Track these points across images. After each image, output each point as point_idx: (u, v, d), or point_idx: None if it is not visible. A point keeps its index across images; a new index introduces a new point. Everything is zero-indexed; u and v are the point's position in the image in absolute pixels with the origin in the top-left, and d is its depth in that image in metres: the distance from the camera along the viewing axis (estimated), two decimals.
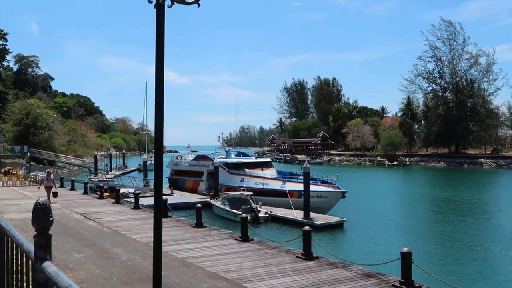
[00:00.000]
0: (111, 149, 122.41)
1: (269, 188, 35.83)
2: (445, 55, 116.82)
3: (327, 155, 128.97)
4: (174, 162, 49.45)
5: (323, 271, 11.31)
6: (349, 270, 11.47)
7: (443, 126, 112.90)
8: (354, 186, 53.49)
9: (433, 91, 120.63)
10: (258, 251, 13.68)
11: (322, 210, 32.03)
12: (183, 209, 34.15)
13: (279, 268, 11.52)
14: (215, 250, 13.71)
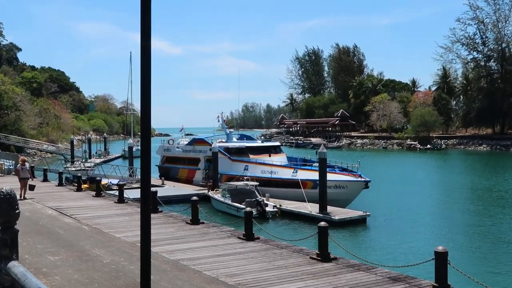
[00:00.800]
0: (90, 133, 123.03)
1: (278, 178, 35.92)
2: (488, 17, 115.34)
3: (347, 137, 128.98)
4: (165, 147, 49.62)
5: (342, 275, 11.37)
6: (373, 273, 11.52)
7: (486, 102, 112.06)
8: (379, 174, 53.51)
9: (474, 60, 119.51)
10: (265, 251, 13.77)
11: (341, 202, 32.16)
12: (176, 202, 34.30)
13: (290, 271, 11.60)
14: (215, 251, 13.81)
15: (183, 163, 46.41)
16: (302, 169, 35.79)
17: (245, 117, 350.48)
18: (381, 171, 58.78)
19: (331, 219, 26.96)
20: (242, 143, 42.64)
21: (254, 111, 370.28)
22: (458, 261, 18.70)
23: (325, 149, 29.41)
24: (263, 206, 29.07)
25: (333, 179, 32.25)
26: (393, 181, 49.52)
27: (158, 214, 20.54)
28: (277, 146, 42.94)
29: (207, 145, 43.10)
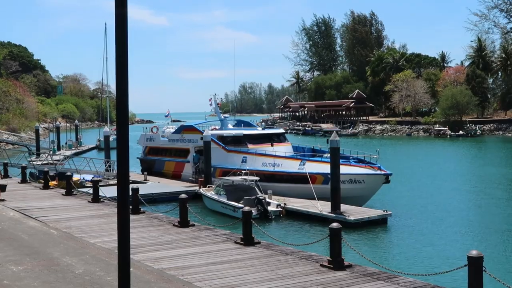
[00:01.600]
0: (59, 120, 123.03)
1: (282, 171, 36.00)
2: None
3: (363, 123, 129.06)
4: (148, 136, 49.66)
5: (358, 285, 11.42)
6: (395, 283, 11.58)
7: None
8: (402, 166, 53.57)
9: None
10: (268, 258, 13.82)
11: (357, 200, 32.23)
12: (162, 201, 34.34)
13: (297, 282, 11.65)
14: (207, 258, 13.86)
15: (170, 155, 46.41)
16: (311, 160, 35.81)
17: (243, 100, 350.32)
18: (404, 163, 58.84)
19: (345, 219, 27.02)
20: (239, 130, 42.62)
21: (254, 93, 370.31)
22: (495, 267, 18.77)
23: (338, 137, 29.38)
24: (265, 204, 29.12)
25: (348, 172, 32.26)
26: (418, 174, 49.61)
27: (140, 215, 20.59)
28: (280, 134, 42.92)
29: (197, 133, 43.11)
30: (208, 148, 38.19)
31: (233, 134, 41.16)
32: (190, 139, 44.00)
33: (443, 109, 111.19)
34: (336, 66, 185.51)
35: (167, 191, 36.27)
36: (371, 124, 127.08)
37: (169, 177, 44.52)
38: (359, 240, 24.77)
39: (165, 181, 42.25)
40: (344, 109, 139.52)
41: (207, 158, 38.05)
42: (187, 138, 44.36)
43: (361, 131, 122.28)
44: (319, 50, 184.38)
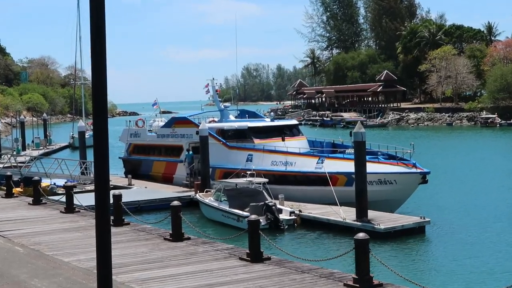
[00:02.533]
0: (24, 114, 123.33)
1: (296, 171, 35.99)
2: None
3: (394, 111, 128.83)
4: (132, 131, 49.72)
5: None
6: None
7: None
8: (442, 163, 53.45)
9: None
10: (280, 277, 13.80)
11: (388, 205, 32.25)
12: (150, 210, 34.38)
13: None
14: (206, 278, 13.85)
15: (159, 153, 46.44)
16: (331, 157, 35.76)
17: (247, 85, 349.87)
18: (445, 158, 58.69)
19: (374, 228, 26.98)
20: (243, 122, 42.61)
21: (260, 77, 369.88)
22: None
23: (363, 128, 29.30)
24: (275, 212, 29.11)
25: (376, 171, 32.24)
26: (461, 173, 49.47)
27: (124, 227, 20.58)
28: (293, 126, 42.88)
29: (192, 127, 43.11)
30: (206, 144, 38.17)
31: (236, 127, 41.13)
32: (183, 134, 44.00)
33: (491, 93, 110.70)
34: (360, 42, 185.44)
35: (156, 198, 36.27)
36: (404, 112, 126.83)
37: (159, 180, 44.54)
38: (391, 254, 24.72)
39: (153, 185, 42.25)
40: (370, 94, 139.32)
41: (204, 157, 38.03)
42: (180, 133, 44.36)
43: (391, 121, 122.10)
44: (339, 23, 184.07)
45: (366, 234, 13.12)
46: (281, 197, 32.02)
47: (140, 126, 50.29)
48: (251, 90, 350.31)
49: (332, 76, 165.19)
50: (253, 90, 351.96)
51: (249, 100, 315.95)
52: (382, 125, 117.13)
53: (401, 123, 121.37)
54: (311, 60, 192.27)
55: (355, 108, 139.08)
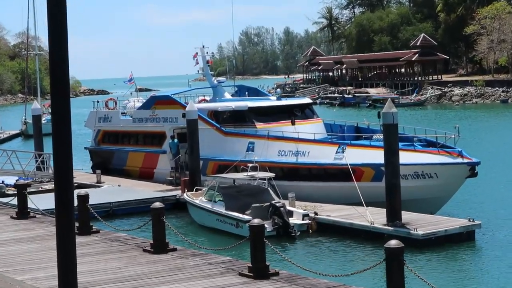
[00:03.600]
0: None
1: (310, 163, 35.97)
2: None
3: (434, 85, 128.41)
4: (102, 114, 49.60)
5: None
6: None
7: None
8: (495, 151, 53.26)
9: None
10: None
11: (428, 204, 32.22)
12: (125, 215, 34.51)
13: None
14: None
15: (135, 142, 46.41)
16: (354, 145, 35.69)
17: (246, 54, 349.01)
18: (498, 145, 58.46)
19: (410, 234, 26.96)
20: (242, 102, 42.51)
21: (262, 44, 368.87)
22: None
23: (395, 108, 29.22)
24: (284, 215, 29.08)
25: (412, 162, 32.19)
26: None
27: (92, 236, 20.56)
28: (306, 106, 42.78)
29: (177, 108, 43.03)
30: (194, 130, 38.09)
31: (233, 107, 41.03)
32: (166, 118, 43.89)
33: None
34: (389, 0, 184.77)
35: (132, 199, 36.27)
36: (446, 86, 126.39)
37: (136, 176, 44.64)
38: (431, 266, 24.72)
39: (129, 182, 42.30)
40: (403, 64, 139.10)
41: (193, 146, 37.97)
42: (162, 116, 44.26)
43: (430, 98, 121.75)
44: None
45: (400, 242, 13.10)
46: (291, 196, 31.97)
47: (111, 107, 50.21)
48: (251, 61, 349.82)
49: (355, 42, 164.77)
50: (254, 61, 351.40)
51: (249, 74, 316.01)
52: (419, 103, 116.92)
53: (443, 100, 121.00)
54: (328, 22, 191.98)
55: (384, 82, 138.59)
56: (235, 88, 48.82)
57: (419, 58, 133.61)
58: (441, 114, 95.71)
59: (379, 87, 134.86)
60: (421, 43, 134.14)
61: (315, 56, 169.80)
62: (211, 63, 47.12)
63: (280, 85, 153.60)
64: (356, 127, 40.79)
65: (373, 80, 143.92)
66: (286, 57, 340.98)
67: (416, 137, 35.85)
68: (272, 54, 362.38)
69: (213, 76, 46.39)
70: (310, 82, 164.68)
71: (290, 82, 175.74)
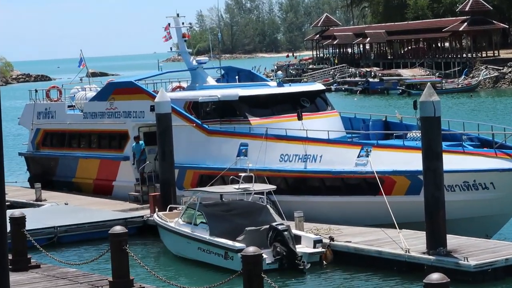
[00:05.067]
0: None
1: (323, 171, 36.11)
2: None
3: (488, 64, 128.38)
4: (43, 108, 49.56)
5: None
6: None
7: None
8: None
9: None
10: None
11: (482, 224, 32.34)
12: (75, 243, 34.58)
13: None
14: None
15: (87, 145, 46.46)
16: (382, 146, 35.82)
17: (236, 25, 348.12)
18: None
19: (458, 265, 27.02)
20: (230, 89, 42.58)
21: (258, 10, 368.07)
22: None
23: (437, 96, 29.26)
24: (290, 241, 29.16)
25: (461, 168, 32.29)
26: None
27: (31, 272, 20.60)
28: (316, 94, 42.89)
29: (143, 98, 43.10)
30: (167, 128, 38.17)
31: (219, 97, 41.08)
32: (128, 112, 43.95)
33: None
34: None
35: (85, 222, 36.28)
36: (505, 65, 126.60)
37: (88, 191, 44.84)
38: None
39: (79, 200, 42.36)
40: (447, 37, 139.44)
41: (164, 150, 38.06)
42: (123, 110, 44.31)
43: (484, 81, 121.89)
44: None
45: (445, 276, 13.18)
46: (298, 215, 32.07)
47: (55, 99, 50.23)
48: (242, 34, 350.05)
49: (382, 7, 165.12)
50: (246, 34, 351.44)
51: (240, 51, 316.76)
52: (469, 88, 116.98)
53: (501, 84, 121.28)
54: None
55: (421, 61, 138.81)
56: (221, 70, 48.87)
57: (468, 28, 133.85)
58: (498, 103, 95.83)
59: (415, 68, 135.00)
60: (471, 7, 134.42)
61: (328, 27, 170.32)
62: (188, 38, 47.06)
63: (282, 66, 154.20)
64: (384, 122, 40.89)
65: (406, 58, 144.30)
66: (290, 29, 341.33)
67: (465, 135, 35.94)
68: (270, 24, 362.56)
69: (191, 55, 46.41)
70: (322, 61, 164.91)
71: (295, 62, 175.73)
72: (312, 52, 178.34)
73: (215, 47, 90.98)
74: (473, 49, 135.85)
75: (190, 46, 47.09)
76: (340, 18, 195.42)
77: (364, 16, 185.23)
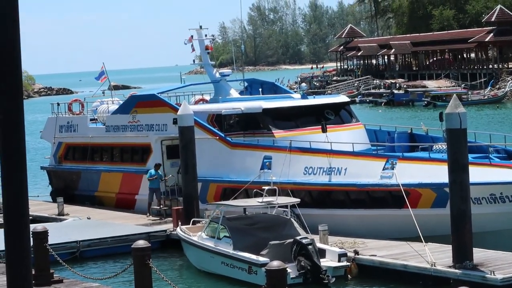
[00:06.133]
0: None
1: (347, 184, 36.07)
2: None
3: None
4: (65, 122, 49.66)
5: None
6: None
7: None
8: None
9: None
10: None
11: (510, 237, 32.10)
12: (97, 257, 34.65)
13: None
14: None
15: (110, 159, 46.52)
16: (408, 159, 35.73)
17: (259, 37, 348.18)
18: None
19: (485, 279, 26.93)
20: (254, 101, 42.56)
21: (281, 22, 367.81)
22: None
23: (463, 107, 29.18)
24: (314, 255, 29.11)
25: (488, 180, 32.14)
26: None
27: (55, 287, 20.58)
28: (341, 106, 42.81)
29: (166, 111, 43.09)
30: (190, 141, 38.19)
31: (242, 109, 41.07)
32: (151, 125, 43.97)
33: None
34: None
35: (107, 236, 36.37)
36: None
37: (111, 205, 45.00)
38: None
39: (102, 214, 42.38)
40: (473, 47, 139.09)
41: (187, 163, 38.06)
42: (146, 123, 44.32)
43: (509, 93, 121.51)
44: None
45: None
46: (323, 229, 32.03)
47: (77, 113, 50.32)
48: (266, 46, 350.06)
49: (407, 18, 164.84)
50: (269, 46, 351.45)
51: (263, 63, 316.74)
52: (495, 99, 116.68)
53: None
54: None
55: (447, 72, 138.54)
56: (244, 83, 48.83)
57: (494, 38, 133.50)
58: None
59: (441, 79, 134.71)
60: (497, 17, 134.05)
61: (352, 38, 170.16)
62: (211, 50, 47.08)
63: (306, 78, 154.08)
64: (410, 134, 40.79)
65: (432, 69, 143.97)
66: (313, 40, 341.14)
67: (492, 147, 35.79)
68: (294, 36, 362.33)
69: (214, 67, 46.42)
70: (346, 73, 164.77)
71: (319, 73, 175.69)
72: (336, 64, 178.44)
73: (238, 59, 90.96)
74: (499, 60, 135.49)
75: (213, 58, 47.12)
76: (364, 29, 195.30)
77: (389, 27, 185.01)
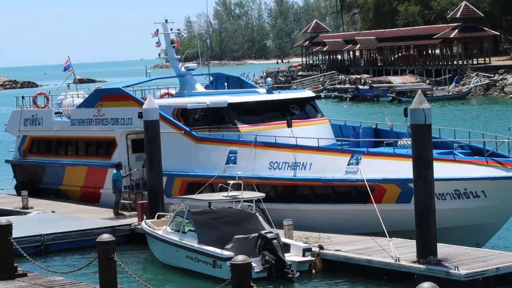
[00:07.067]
0: None
1: (312, 179, 36.13)
2: None
3: (479, 71, 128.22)
4: (29, 115, 49.43)
5: None
6: None
7: None
8: None
9: None
10: None
11: (473, 233, 32.42)
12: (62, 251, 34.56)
13: None
14: None
15: (75, 152, 46.36)
16: (372, 154, 35.87)
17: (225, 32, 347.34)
18: None
19: (449, 274, 27.06)
20: (219, 96, 42.56)
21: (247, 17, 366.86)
22: None
23: (427, 103, 29.32)
24: (278, 250, 29.18)
25: (451, 176, 32.36)
26: None
27: (18, 281, 20.57)
28: (306, 101, 42.90)
29: (131, 105, 43.02)
30: (155, 135, 38.15)
31: (207, 104, 41.05)
32: (116, 118, 43.87)
33: None
34: None
35: (71, 230, 36.26)
36: (496, 73, 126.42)
37: (76, 198, 44.92)
38: None
39: (67, 208, 42.31)
40: (438, 43, 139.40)
41: (152, 157, 38.03)
42: (111, 116, 44.22)
43: (475, 89, 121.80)
44: None
45: (436, 285, 13.21)
46: (287, 223, 32.10)
47: (42, 106, 50.10)
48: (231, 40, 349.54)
49: (372, 14, 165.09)
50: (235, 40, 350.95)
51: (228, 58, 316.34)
52: (460, 96, 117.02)
53: (492, 92, 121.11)
54: None
55: (412, 68, 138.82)
56: (210, 77, 48.78)
57: (459, 34, 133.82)
58: (489, 110, 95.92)
59: (406, 75, 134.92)
60: (462, 14, 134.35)
61: (318, 33, 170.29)
62: (177, 45, 47.00)
63: (271, 73, 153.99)
64: (374, 129, 40.91)
65: (397, 65, 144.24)
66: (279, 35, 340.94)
67: (456, 143, 35.96)
68: (259, 31, 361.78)
69: (180, 61, 46.31)
70: (311, 68, 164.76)
71: (284, 68, 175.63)
72: (301, 59, 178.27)
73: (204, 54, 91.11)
74: (464, 56, 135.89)
75: (178, 52, 47.00)
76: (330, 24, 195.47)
77: (354, 22, 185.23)
